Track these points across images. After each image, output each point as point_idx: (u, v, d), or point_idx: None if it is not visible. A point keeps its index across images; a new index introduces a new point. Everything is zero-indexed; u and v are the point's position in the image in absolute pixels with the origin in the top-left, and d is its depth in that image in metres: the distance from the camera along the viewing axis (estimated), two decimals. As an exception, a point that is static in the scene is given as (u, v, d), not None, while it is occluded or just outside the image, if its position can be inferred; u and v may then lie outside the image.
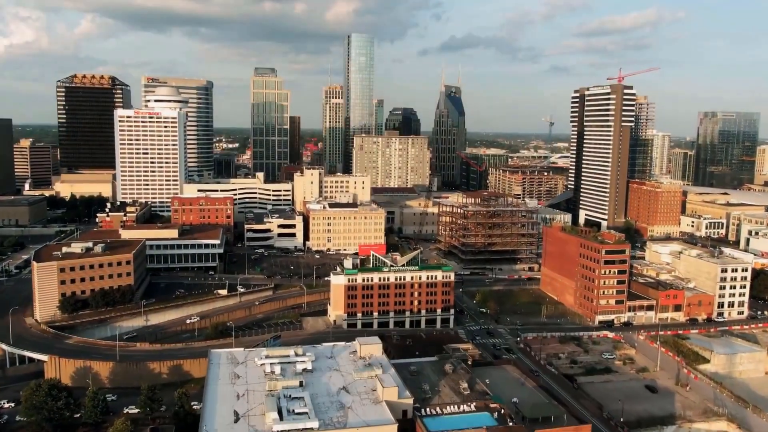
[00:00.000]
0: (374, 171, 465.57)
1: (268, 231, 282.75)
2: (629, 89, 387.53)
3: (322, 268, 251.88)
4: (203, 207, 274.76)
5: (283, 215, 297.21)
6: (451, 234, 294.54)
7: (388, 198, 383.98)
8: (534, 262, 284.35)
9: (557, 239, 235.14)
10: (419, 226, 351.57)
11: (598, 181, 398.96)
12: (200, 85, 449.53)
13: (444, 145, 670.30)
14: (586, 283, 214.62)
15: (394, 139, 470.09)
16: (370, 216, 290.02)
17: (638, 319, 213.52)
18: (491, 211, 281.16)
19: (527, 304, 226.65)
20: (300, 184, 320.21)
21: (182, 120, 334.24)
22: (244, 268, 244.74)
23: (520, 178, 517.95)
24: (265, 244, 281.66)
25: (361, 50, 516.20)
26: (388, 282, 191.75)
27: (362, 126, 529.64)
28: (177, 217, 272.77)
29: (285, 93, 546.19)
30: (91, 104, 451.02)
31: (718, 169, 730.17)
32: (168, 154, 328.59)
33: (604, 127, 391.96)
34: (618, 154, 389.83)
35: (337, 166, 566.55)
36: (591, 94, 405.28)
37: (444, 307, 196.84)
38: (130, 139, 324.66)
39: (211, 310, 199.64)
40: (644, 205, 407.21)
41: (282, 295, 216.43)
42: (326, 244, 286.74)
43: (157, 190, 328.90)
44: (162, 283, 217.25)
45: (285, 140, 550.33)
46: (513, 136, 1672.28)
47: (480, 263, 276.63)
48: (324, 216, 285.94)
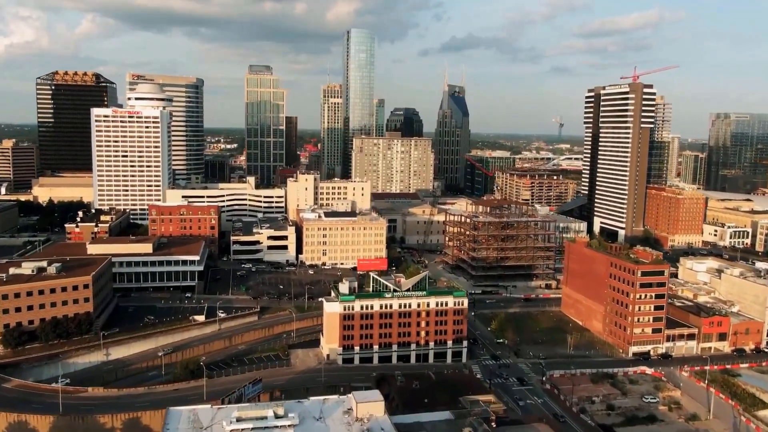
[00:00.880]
0: (374, 175, 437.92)
1: (256, 243, 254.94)
2: (649, 88, 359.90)
3: (316, 287, 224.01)
4: (184, 216, 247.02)
5: (274, 225, 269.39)
6: (459, 246, 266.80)
7: (390, 204, 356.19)
8: (551, 279, 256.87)
9: (582, 256, 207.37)
10: (424, 236, 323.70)
11: (615, 187, 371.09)
12: (189, 83, 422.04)
13: (447, 147, 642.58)
14: (617, 309, 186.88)
15: (396, 140, 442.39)
16: (370, 226, 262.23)
17: (678, 349, 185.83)
18: (504, 221, 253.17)
19: (549, 331, 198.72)
20: (293, 191, 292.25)
21: (165, 119, 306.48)
22: (227, 287, 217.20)
23: (528, 183, 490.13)
24: (253, 258, 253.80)
25: (360, 46, 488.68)
26: (390, 310, 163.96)
27: (362, 127, 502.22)
28: (155, 228, 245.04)
29: (281, 92, 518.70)
30: (73, 103, 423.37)
31: (731, 172, 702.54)
32: (149, 157, 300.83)
33: (622, 129, 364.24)
34: (637, 157, 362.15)
35: (335, 169, 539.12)
36: (608, 93, 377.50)
37: (456, 338, 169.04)
38: (107, 140, 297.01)
39: (185, 340, 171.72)
40: (664, 213, 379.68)
41: (268, 321, 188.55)
42: (321, 257, 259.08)
43: (138, 197, 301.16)
44: (131, 307, 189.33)
45: (281, 141, 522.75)
46: (514, 137, 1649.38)
47: (492, 280, 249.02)
48: (319, 227, 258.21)
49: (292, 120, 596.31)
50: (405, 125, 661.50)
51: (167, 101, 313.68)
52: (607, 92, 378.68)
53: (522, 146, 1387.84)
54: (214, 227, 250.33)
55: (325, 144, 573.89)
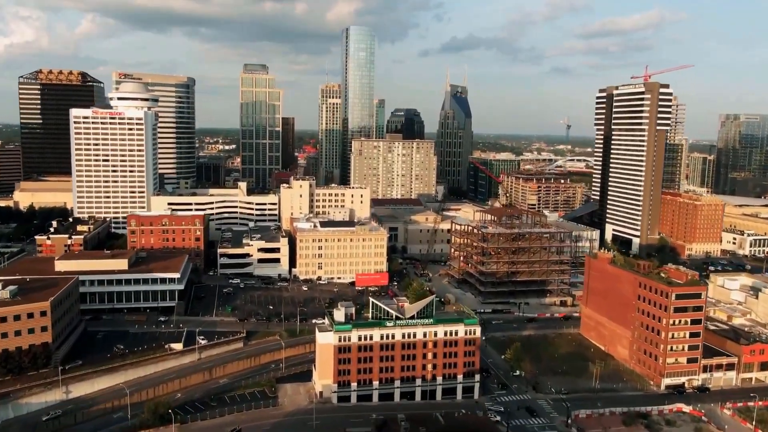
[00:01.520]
0: (374, 179, 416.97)
1: (246, 256, 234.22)
2: (665, 88, 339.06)
3: (310, 306, 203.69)
4: (166, 227, 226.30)
5: (265, 236, 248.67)
6: (466, 259, 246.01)
7: (390, 211, 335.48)
8: (566, 294, 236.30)
9: (605, 274, 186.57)
10: (427, 245, 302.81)
11: (629, 193, 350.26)
12: (180, 82, 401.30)
13: (449, 149, 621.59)
14: (647, 335, 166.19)
15: (397, 143, 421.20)
16: (369, 237, 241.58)
17: (716, 381, 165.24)
18: (515, 233, 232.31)
19: (569, 357, 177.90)
20: (287, 198, 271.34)
21: (150, 121, 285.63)
22: (212, 307, 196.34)
23: (534, 187, 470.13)
24: (242, 272, 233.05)
25: (360, 44, 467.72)
26: (392, 341, 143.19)
27: (361, 128, 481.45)
28: (134, 240, 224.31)
29: (277, 92, 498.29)
30: (58, 103, 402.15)
31: (741, 175, 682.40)
32: (133, 162, 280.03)
33: (637, 131, 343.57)
34: (653, 161, 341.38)
35: (334, 172, 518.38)
36: (621, 93, 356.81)
37: (467, 371, 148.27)
38: (87, 143, 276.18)
39: (158, 373, 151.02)
40: (680, 220, 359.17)
41: (255, 348, 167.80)
42: (316, 271, 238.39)
43: (120, 204, 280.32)
44: (100, 332, 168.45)
45: (277, 143, 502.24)
46: (514, 137, 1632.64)
47: (502, 296, 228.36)
48: (314, 238, 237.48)
49: (289, 121, 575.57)
50: (406, 126, 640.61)
51: (152, 101, 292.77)
52: (620, 92, 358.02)
53: (523, 147, 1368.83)
54: (199, 239, 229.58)
55: (323, 146, 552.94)
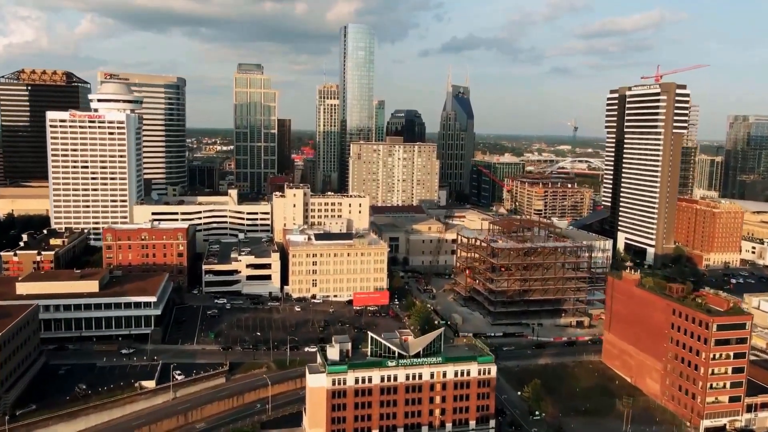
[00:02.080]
0: (374, 184, 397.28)
1: (233, 273, 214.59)
2: (682, 88, 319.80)
3: (302, 331, 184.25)
4: (146, 242, 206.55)
5: (255, 250, 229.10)
6: (473, 275, 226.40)
7: (391, 220, 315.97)
8: (583, 314, 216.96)
9: (632, 298, 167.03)
10: (432, 258, 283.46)
11: (643, 199, 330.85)
12: (169, 83, 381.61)
13: (451, 151, 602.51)
14: (682, 369, 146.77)
15: (398, 146, 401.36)
16: (368, 252, 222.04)
17: (760, 422, 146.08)
18: (528, 247, 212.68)
19: (593, 392, 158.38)
20: (280, 208, 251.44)
21: (133, 124, 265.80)
22: (193, 333, 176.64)
23: (541, 191, 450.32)
24: (229, 291, 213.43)
25: (359, 43, 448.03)
26: (395, 383, 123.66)
27: (360, 130, 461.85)
28: (110, 256, 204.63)
29: (272, 93, 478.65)
30: (41, 105, 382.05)
31: (750, 177, 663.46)
32: (114, 168, 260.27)
33: (652, 134, 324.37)
34: (669, 166, 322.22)
35: (331, 176, 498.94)
36: (635, 94, 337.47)
37: (481, 416, 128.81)
38: (65, 148, 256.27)
39: (126, 418, 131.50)
40: (697, 229, 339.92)
41: (239, 385, 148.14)
42: (310, 289, 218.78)
43: (100, 214, 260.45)
44: (63, 367, 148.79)
45: (272, 146, 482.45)
46: (514, 137, 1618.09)
47: (514, 317, 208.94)
48: (308, 252, 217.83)
49: (285, 123, 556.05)
50: (406, 128, 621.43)
51: (136, 103, 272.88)
52: (633, 93, 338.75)
53: (524, 147, 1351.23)
54: (182, 254, 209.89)
55: (320, 148, 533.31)
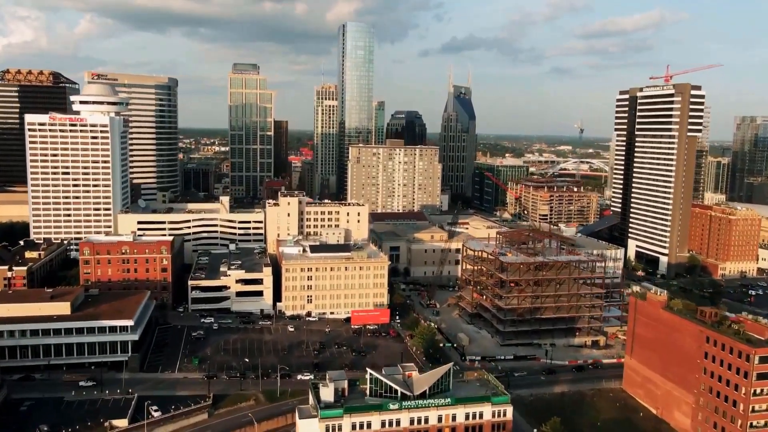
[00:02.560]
0: (374, 188, 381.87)
1: (222, 289, 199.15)
2: (697, 89, 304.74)
3: (295, 355, 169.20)
4: (127, 256, 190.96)
5: (246, 263, 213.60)
6: (480, 290, 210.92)
7: (391, 227, 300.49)
8: (598, 332, 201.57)
9: (658, 321, 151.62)
10: (436, 268, 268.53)
11: (656, 205, 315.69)
12: (160, 83, 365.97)
13: (453, 153, 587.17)
14: (718, 404, 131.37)
15: (398, 149, 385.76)
16: (368, 266, 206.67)
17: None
18: (540, 262, 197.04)
19: (616, 427, 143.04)
20: (273, 217, 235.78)
21: (118, 128, 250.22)
22: (175, 358, 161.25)
23: (546, 196, 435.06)
24: (217, 308, 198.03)
25: (358, 42, 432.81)
26: (398, 428, 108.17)
27: (359, 131, 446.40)
28: (88, 272, 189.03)
29: (269, 93, 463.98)
30: (26, 106, 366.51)
31: (757, 180, 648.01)
32: (97, 174, 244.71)
33: (665, 137, 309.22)
34: (683, 170, 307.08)
35: (330, 180, 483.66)
36: (647, 96, 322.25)
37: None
38: (44, 154, 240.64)
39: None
40: (712, 236, 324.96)
41: (222, 422, 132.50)
42: (305, 305, 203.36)
43: (82, 224, 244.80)
44: (26, 402, 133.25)
45: (268, 149, 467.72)
46: (514, 137, 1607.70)
47: (525, 336, 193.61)
48: (302, 266, 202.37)
49: (282, 124, 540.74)
50: (407, 129, 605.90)
51: (121, 105, 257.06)
52: (646, 94, 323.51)
53: (524, 148, 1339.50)
54: (166, 269, 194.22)
55: (318, 151, 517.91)
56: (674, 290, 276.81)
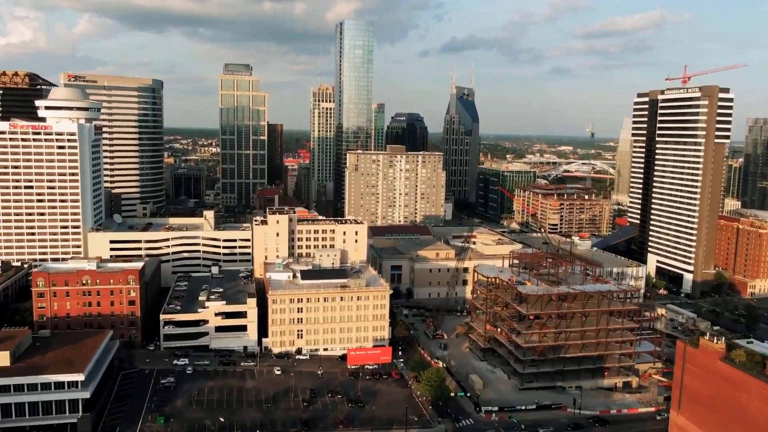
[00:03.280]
0: (373, 198, 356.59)
1: (200, 323, 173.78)
2: (725, 92, 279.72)
3: (282, 405, 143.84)
4: (88, 287, 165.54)
5: (228, 292, 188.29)
6: (493, 320, 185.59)
7: (392, 242, 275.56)
8: (629, 372, 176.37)
9: (715, 375, 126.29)
10: (439, 288, 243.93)
11: (679, 217, 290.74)
12: (143, 85, 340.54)
13: (455, 157, 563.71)
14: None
15: (400, 156, 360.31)
16: (367, 295, 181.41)
17: None
18: (565, 293, 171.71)
19: None
20: (260, 237, 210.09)
21: (88, 135, 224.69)
22: (138, 416, 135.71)
23: (557, 204, 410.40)
24: (194, 345, 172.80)
25: (356, 41, 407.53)
26: None
27: (358, 136, 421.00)
28: (43, 306, 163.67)
29: (262, 95, 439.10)
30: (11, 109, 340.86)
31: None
32: (64, 188, 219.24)
33: (690, 144, 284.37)
34: (710, 180, 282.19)
35: (327, 186, 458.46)
36: (669, 99, 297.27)
37: None
38: (4, 165, 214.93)
39: None
40: (740, 251, 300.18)
41: None
42: (295, 342, 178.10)
43: (48, 243, 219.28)
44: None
45: (262, 154, 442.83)
46: (514, 137, 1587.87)
47: (547, 378, 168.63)
48: (292, 297, 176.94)
49: (277, 128, 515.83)
50: (408, 132, 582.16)
51: (92, 110, 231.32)
52: (668, 97, 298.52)
53: (524, 149, 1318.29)
54: (134, 302, 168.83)
55: (315, 156, 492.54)
56: (704, 312, 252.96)
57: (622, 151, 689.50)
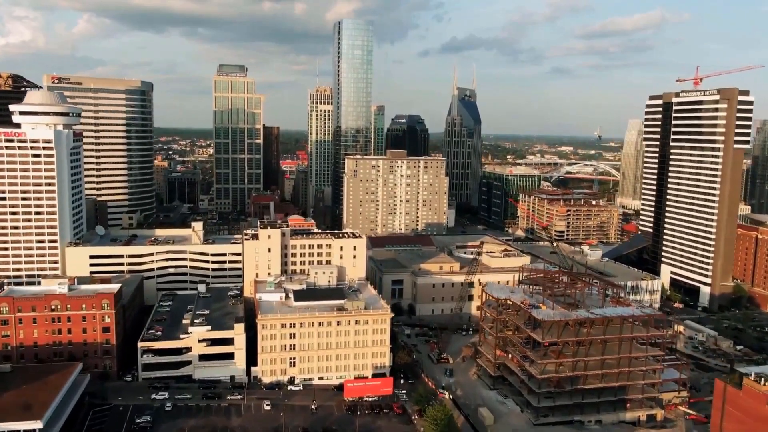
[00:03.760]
0: (373, 206, 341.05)
1: (182, 351, 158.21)
2: (745, 95, 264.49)
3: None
4: (58, 313, 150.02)
5: (213, 315, 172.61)
6: (503, 345, 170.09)
7: (392, 254, 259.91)
8: (656, 406, 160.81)
9: (759, 421, 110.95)
10: (443, 303, 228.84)
11: (696, 226, 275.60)
12: (132, 88, 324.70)
13: (457, 160, 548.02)
14: None
15: (400, 161, 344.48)
16: (366, 319, 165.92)
17: None
18: (584, 318, 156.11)
19: None
20: (251, 253, 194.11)
21: (66, 143, 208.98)
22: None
23: (563, 210, 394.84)
24: (176, 375, 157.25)
25: (355, 41, 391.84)
26: None
27: (357, 141, 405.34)
28: (8, 334, 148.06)
29: (257, 98, 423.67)
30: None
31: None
32: (39, 199, 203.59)
33: (707, 150, 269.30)
34: (729, 187, 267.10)
35: (324, 191, 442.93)
36: (684, 102, 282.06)
37: None
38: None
39: None
40: (759, 262, 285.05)
41: None
42: (287, 370, 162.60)
43: (23, 260, 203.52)
44: None
45: (257, 159, 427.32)
46: (514, 138, 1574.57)
47: (564, 412, 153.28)
48: (283, 322, 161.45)
49: (273, 131, 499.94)
50: (409, 135, 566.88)
51: (71, 116, 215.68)
52: (683, 100, 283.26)
53: (525, 149, 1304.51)
54: (108, 329, 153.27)
55: (313, 159, 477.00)
56: (724, 329, 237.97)
57: (627, 153, 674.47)
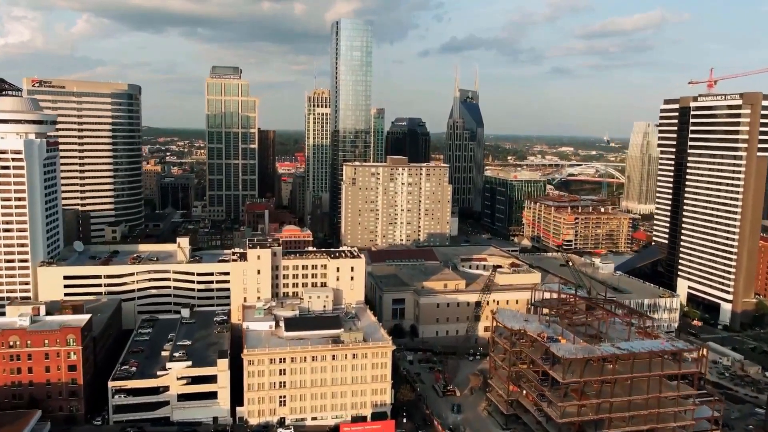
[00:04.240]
0: (372, 215, 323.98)
1: (159, 390, 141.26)
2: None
3: None
4: (17, 350, 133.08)
5: (195, 348, 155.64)
6: (516, 379, 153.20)
7: (394, 271, 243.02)
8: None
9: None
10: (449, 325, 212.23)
11: (716, 238, 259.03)
12: (118, 91, 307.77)
13: (458, 163, 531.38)
14: None
15: (401, 168, 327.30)
16: (365, 353, 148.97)
17: None
18: (608, 355, 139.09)
19: None
20: (238, 276, 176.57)
21: (38, 153, 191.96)
22: None
23: (571, 219, 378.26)
24: (152, 417, 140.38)
25: (354, 42, 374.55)
26: None
27: (356, 146, 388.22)
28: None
29: (252, 101, 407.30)
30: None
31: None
32: (9, 215, 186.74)
33: (728, 158, 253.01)
34: (753, 198, 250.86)
35: (322, 198, 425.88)
36: (703, 107, 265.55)
37: None
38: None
39: None
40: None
41: None
42: (276, 410, 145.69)
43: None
44: None
45: (252, 164, 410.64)
46: (513, 138, 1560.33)
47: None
48: (272, 357, 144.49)
49: (269, 135, 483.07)
50: (409, 138, 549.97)
51: (45, 124, 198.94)
52: (702, 105, 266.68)
53: (525, 150, 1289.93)
54: (75, 367, 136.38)
55: (310, 164, 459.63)
56: (749, 352, 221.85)
57: (633, 156, 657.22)
